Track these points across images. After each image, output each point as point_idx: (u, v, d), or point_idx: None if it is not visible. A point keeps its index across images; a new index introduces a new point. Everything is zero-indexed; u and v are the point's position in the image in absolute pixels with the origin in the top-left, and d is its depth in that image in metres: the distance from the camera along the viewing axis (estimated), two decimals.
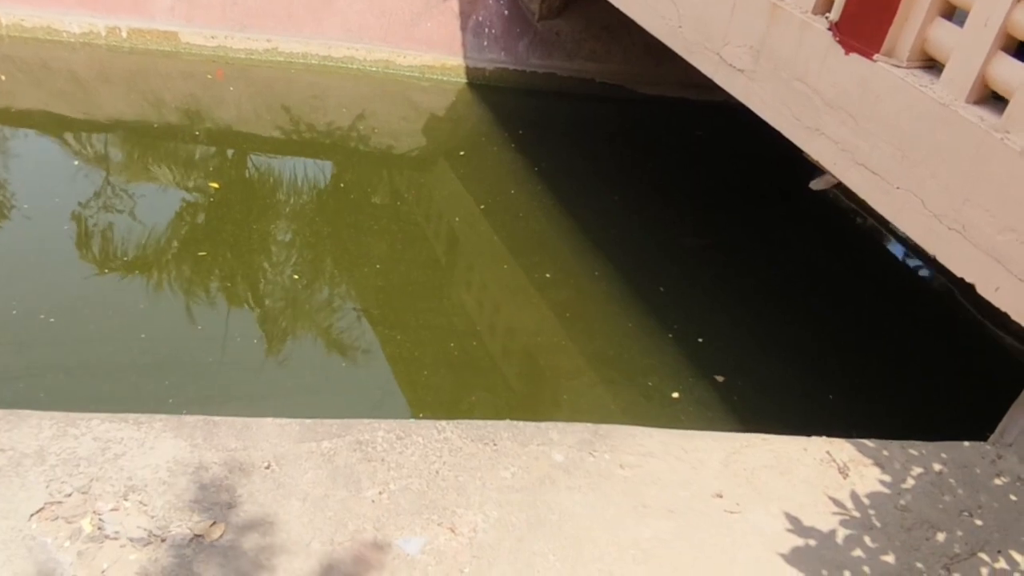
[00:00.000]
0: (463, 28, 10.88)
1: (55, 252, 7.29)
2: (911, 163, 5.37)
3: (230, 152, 9.46)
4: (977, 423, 4.28)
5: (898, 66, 5.43)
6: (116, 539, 2.78)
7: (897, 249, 9.34)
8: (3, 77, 9.78)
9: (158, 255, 7.53)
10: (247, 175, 9.21)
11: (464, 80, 10.88)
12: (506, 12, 10.96)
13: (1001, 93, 4.91)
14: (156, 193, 8.54)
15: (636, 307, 7.38)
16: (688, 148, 10.25)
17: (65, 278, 7.01)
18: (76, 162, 8.83)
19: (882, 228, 9.43)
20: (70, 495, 2.88)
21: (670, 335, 7.14)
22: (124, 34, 10.36)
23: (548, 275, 7.70)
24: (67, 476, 2.93)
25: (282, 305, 7.10)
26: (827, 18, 5.90)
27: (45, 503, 2.84)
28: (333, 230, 8.23)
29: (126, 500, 2.88)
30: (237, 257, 7.63)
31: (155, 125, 9.65)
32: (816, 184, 9.58)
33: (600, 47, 10.90)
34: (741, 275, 8.03)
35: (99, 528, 2.81)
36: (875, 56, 5.50)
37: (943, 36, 5.26)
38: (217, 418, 3.32)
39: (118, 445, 3.08)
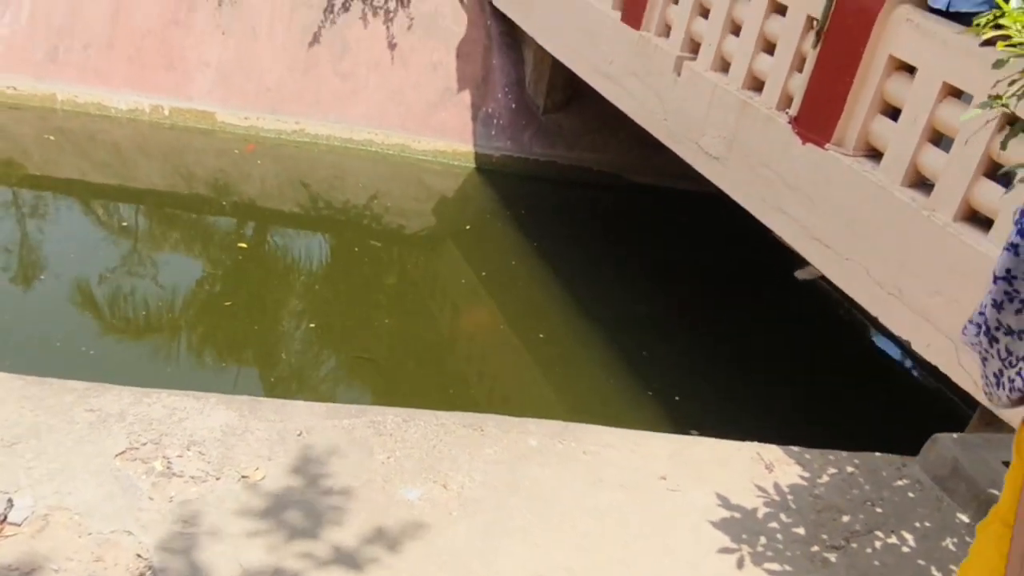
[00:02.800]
0: (474, 118, 11.95)
1: (88, 303, 8.09)
2: (857, 237, 6.18)
3: (253, 223, 10.36)
4: None
5: (846, 154, 6.28)
6: (181, 476, 3.52)
7: (878, 339, 10.07)
8: (52, 138, 10.82)
9: (183, 311, 8.32)
10: (267, 245, 10.10)
11: (473, 165, 11.87)
12: (513, 105, 12.05)
13: (929, 178, 5.76)
14: (182, 258, 9.38)
15: (620, 367, 8.13)
16: (675, 232, 11.16)
17: (98, 322, 7.84)
18: (108, 228, 9.70)
19: (865, 320, 10.16)
20: (145, 444, 3.62)
21: (650, 393, 7.86)
22: (166, 112, 11.41)
23: (541, 336, 8.49)
24: (142, 431, 3.69)
25: (299, 349, 7.89)
26: (787, 113, 6.79)
27: (126, 448, 3.58)
28: (346, 292, 9.06)
29: (188, 450, 3.63)
30: (259, 312, 8.44)
31: (185, 196, 10.61)
32: (801, 274, 10.37)
33: (598, 139, 11.96)
34: (719, 344, 8.79)
35: (168, 468, 3.55)
36: (827, 145, 6.36)
37: (882, 129, 6.13)
38: (260, 398, 4.09)
39: (182, 412, 3.85)
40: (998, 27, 2.53)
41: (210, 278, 9.03)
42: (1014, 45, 2.53)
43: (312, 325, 8.30)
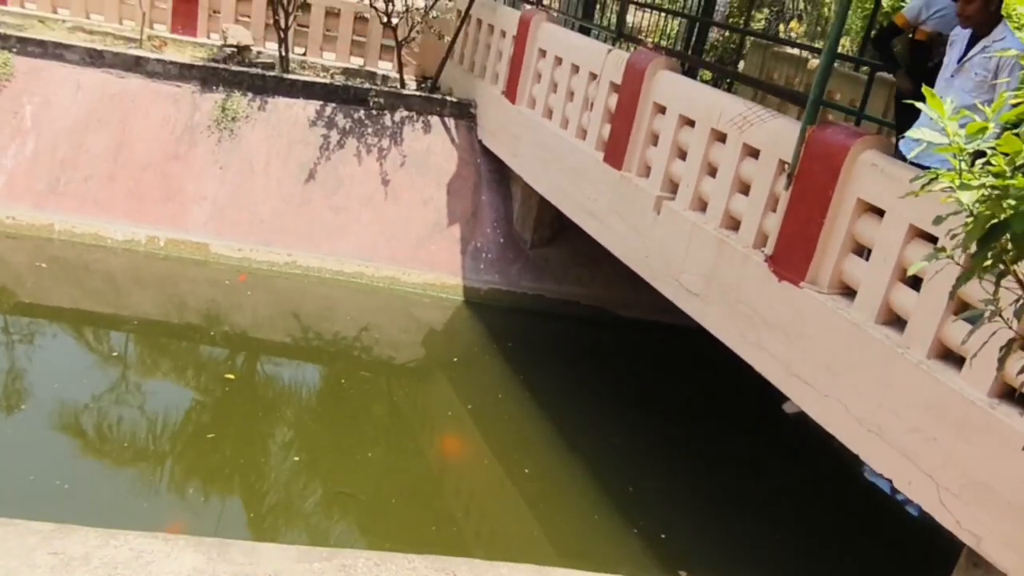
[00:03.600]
0: (463, 252, 12.20)
1: (69, 433, 8.04)
2: (835, 374, 6.23)
3: (242, 353, 10.41)
4: None
5: (820, 292, 6.41)
6: None
7: (867, 472, 9.98)
8: (44, 265, 10.98)
9: (166, 443, 8.26)
10: (256, 375, 10.12)
11: (462, 298, 12.03)
12: (502, 240, 12.32)
13: (902, 315, 5.86)
14: (169, 388, 9.37)
15: (605, 503, 8.03)
16: (661, 365, 11.21)
17: (78, 454, 7.78)
18: (97, 357, 9.73)
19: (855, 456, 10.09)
20: None
21: (635, 530, 7.74)
22: (162, 243, 11.63)
23: (526, 470, 8.41)
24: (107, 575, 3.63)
25: (280, 483, 7.80)
26: (763, 252, 6.96)
27: None
28: (333, 424, 9.02)
29: None
30: (243, 444, 8.38)
31: (176, 325, 10.68)
32: (789, 407, 10.36)
33: (585, 273, 12.17)
34: (707, 479, 8.71)
35: None
36: (802, 284, 6.50)
37: (854, 269, 6.27)
38: (230, 540, 4.04)
39: (148, 555, 3.79)
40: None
41: (196, 409, 9.00)
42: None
43: (296, 458, 8.23)
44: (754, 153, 7.17)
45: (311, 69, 14.26)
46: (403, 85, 13.77)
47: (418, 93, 13.17)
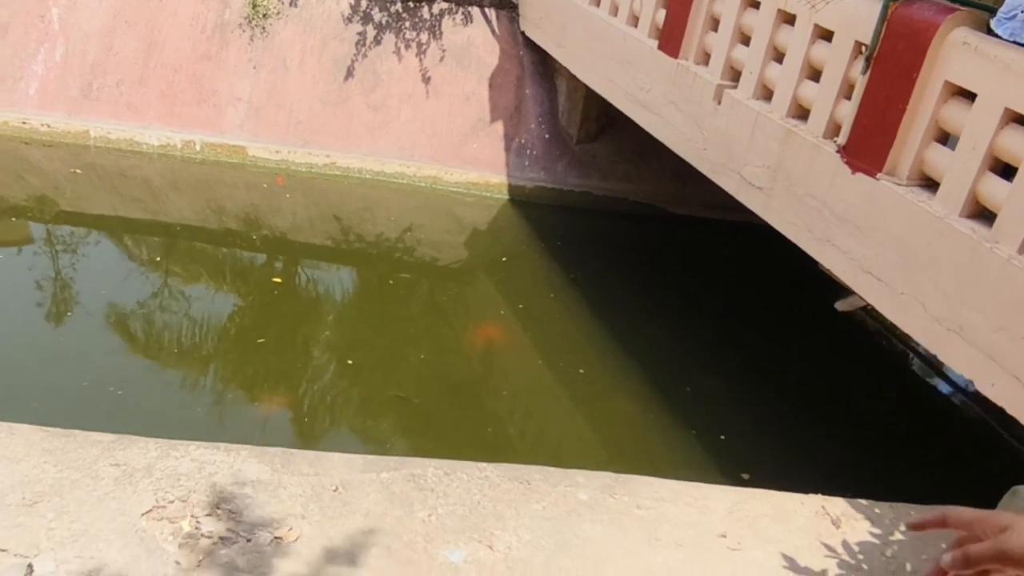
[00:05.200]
0: (507, 149, 11.80)
1: (122, 340, 7.98)
2: (912, 270, 5.89)
3: (286, 257, 10.24)
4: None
5: (899, 184, 6.01)
6: (210, 538, 3.31)
7: (917, 366, 9.74)
8: (82, 172, 10.80)
9: (215, 350, 8.17)
10: (300, 279, 9.96)
11: (506, 196, 11.70)
12: (547, 135, 11.89)
13: (990, 208, 5.46)
14: (215, 294, 9.25)
15: (662, 404, 7.85)
16: (716, 264, 10.89)
17: (131, 360, 7.71)
18: (139, 264, 9.61)
19: (907, 348, 9.84)
20: (172, 502, 3.42)
21: (694, 432, 7.57)
22: (198, 147, 11.37)
23: (581, 371, 8.23)
24: (170, 487, 3.49)
25: (335, 388, 7.70)
26: (835, 142, 6.55)
27: (152, 506, 3.39)
28: (381, 327, 8.87)
29: (218, 509, 3.42)
30: (293, 349, 8.27)
31: (216, 230, 10.52)
32: (841, 305, 10.06)
33: (633, 169, 11.75)
34: (763, 379, 8.48)
35: (196, 528, 3.34)
36: (878, 175, 6.10)
37: (938, 158, 5.85)
38: (294, 450, 3.88)
39: (211, 466, 3.65)
40: None
41: (243, 314, 8.89)
42: None
43: (349, 362, 8.10)
44: (827, 35, 6.66)
45: None
46: None
47: None
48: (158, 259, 9.70)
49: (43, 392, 6.70)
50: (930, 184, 5.94)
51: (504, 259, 10.73)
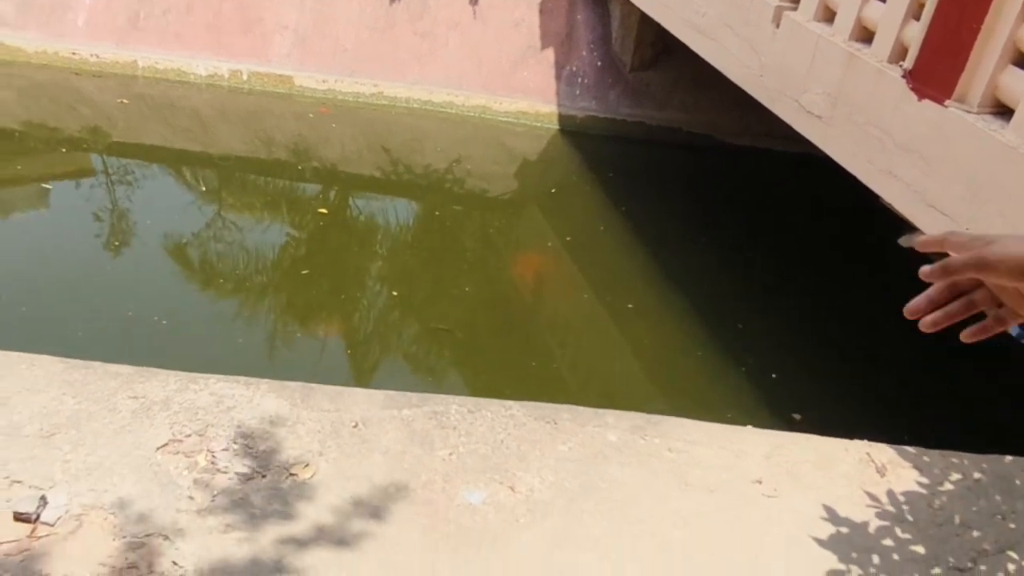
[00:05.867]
0: (557, 77, 11.44)
1: (169, 270, 8.01)
2: (980, 203, 5.53)
3: (333, 188, 10.15)
4: None
5: (969, 111, 5.61)
6: (225, 472, 3.25)
7: None
8: (131, 103, 10.80)
9: (262, 280, 8.17)
10: (347, 210, 9.87)
11: (556, 126, 11.39)
12: (599, 63, 11.49)
13: None
14: (263, 224, 9.23)
15: (711, 341, 7.61)
16: (771, 197, 10.49)
17: (176, 290, 7.73)
18: (188, 194, 9.62)
19: None
20: (189, 436, 3.36)
21: (743, 369, 7.34)
22: (245, 77, 11.25)
23: (629, 306, 8.02)
24: (187, 421, 3.43)
25: (377, 319, 7.63)
26: (901, 66, 6.14)
27: (168, 440, 3.33)
28: (428, 259, 8.76)
29: (234, 443, 3.35)
30: (338, 279, 8.21)
31: (265, 161, 10.45)
32: (905, 241, 9.62)
33: (688, 98, 11.31)
34: (820, 318, 8.18)
35: (212, 463, 3.28)
36: (947, 102, 5.70)
37: (1013, 83, 5.43)
38: (314, 384, 3.80)
39: (230, 400, 3.58)
40: None
41: (289, 245, 8.85)
42: None
43: (395, 294, 8.02)
44: None
45: None
46: None
47: None
48: (206, 190, 9.70)
49: (92, 313, 6.77)
50: (1004, 112, 5.54)
51: (553, 190, 10.48)
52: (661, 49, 11.22)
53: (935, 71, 5.84)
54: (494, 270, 8.75)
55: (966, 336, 1.18)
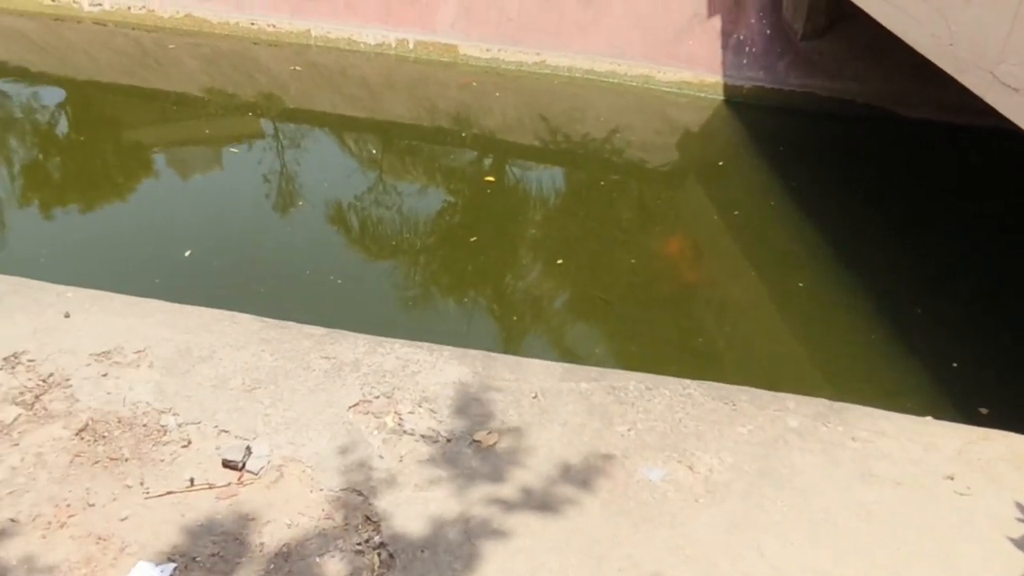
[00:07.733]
0: (723, 46, 11.13)
1: (341, 233, 8.36)
2: None
3: (496, 156, 10.27)
4: None
5: None
6: (411, 435, 3.38)
7: None
8: (299, 68, 11.27)
9: (430, 246, 8.39)
10: (509, 179, 9.98)
11: (721, 97, 11.11)
12: (768, 31, 11.09)
13: None
14: (430, 191, 9.47)
15: (887, 325, 7.27)
16: (955, 175, 9.88)
17: (350, 253, 8.07)
18: (358, 160, 9.97)
19: None
20: (378, 397, 3.52)
21: (921, 357, 6.97)
22: (411, 46, 11.52)
23: (800, 284, 7.78)
24: (376, 383, 3.59)
25: (542, 288, 7.72)
26: None
27: (359, 400, 3.50)
28: (591, 229, 8.75)
29: (420, 407, 3.48)
30: (504, 248, 8.33)
31: (429, 128, 10.69)
32: None
33: (863, 67, 10.76)
34: (1008, 305, 7.67)
35: (399, 424, 3.43)
36: None
37: None
38: (495, 354, 3.90)
39: (415, 364, 3.72)
40: None
41: (457, 212, 9.05)
42: None
43: (559, 262, 8.08)
44: None
45: None
46: None
47: None
48: (375, 155, 10.02)
49: (270, 279, 7.16)
50: None
51: (719, 163, 10.24)
52: (836, 15, 10.72)
53: None
54: (656, 243, 8.66)
55: None
